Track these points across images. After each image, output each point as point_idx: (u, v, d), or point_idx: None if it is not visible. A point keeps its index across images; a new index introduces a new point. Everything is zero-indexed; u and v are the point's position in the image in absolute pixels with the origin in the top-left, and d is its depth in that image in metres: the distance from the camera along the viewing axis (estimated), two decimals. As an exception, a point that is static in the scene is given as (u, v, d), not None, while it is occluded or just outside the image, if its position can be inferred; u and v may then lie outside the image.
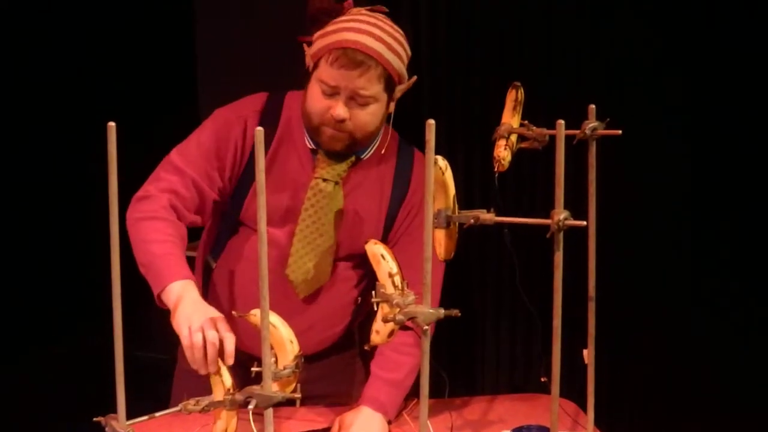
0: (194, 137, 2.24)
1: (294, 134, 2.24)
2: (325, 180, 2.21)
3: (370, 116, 2.15)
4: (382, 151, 2.29)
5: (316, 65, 2.15)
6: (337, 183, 2.22)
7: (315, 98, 2.15)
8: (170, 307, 2.02)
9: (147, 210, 2.13)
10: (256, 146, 1.56)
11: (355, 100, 2.12)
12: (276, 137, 2.22)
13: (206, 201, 2.22)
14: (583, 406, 2.17)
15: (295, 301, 2.21)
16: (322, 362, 2.35)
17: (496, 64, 2.81)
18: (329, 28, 2.14)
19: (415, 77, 2.23)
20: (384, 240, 2.26)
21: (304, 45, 2.23)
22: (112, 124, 1.69)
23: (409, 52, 2.20)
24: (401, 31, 2.18)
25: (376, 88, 2.12)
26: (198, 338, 1.90)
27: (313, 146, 2.23)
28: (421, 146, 1.83)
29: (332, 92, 2.12)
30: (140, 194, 2.16)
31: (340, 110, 2.11)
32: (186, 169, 2.19)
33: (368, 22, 2.12)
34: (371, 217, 2.27)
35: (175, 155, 2.22)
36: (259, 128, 1.57)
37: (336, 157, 2.22)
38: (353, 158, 2.24)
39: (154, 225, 2.11)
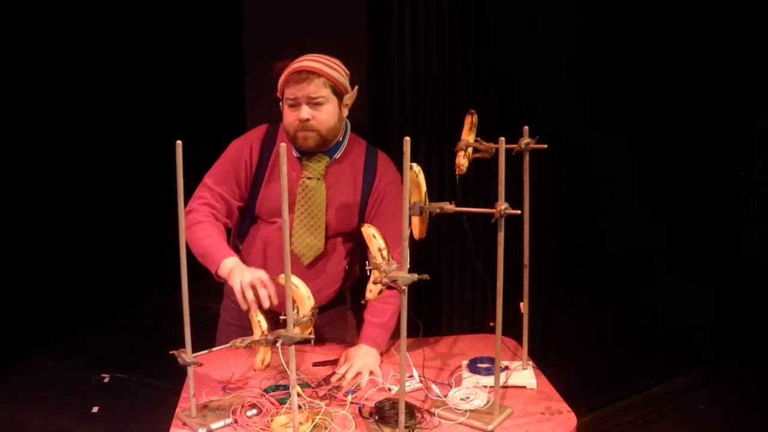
0: (219, 163, 2.29)
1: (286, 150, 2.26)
2: (309, 178, 2.23)
3: (326, 115, 2.17)
4: (352, 153, 2.30)
5: (282, 95, 2.20)
6: (318, 179, 2.24)
7: (286, 115, 2.19)
8: (225, 276, 2.09)
9: (193, 219, 2.17)
10: (279, 157, 1.59)
11: (311, 104, 2.15)
12: (274, 153, 2.24)
13: (232, 208, 2.27)
14: (521, 343, 2.18)
15: (301, 269, 2.23)
16: (324, 314, 2.36)
17: (458, 97, 2.81)
18: (284, 71, 2.20)
19: (357, 86, 2.27)
20: (361, 218, 2.29)
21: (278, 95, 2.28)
22: (179, 142, 1.73)
23: (347, 71, 2.23)
24: (337, 60, 2.22)
25: (323, 92, 2.15)
26: (249, 292, 1.99)
27: (299, 155, 2.25)
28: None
29: (294, 103, 2.15)
30: (186, 210, 2.19)
31: (303, 113, 2.14)
32: (215, 187, 2.24)
33: (309, 57, 2.18)
34: (349, 202, 2.28)
35: (206, 178, 2.27)
36: (283, 144, 1.60)
37: (314, 159, 2.24)
38: (328, 159, 2.25)
39: (200, 227, 2.17)
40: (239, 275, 2.03)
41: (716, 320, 3.98)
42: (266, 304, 1.98)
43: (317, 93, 2.14)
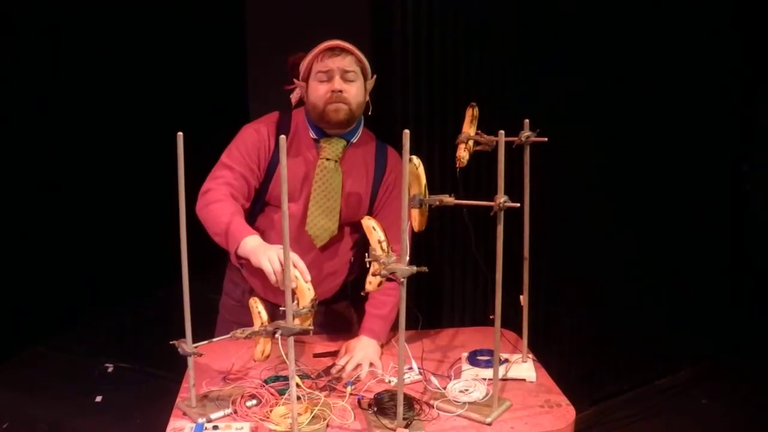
0: (234, 145, 2.27)
1: (301, 134, 2.27)
2: (328, 159, 2.24)
3: (356, 89, 2.20)
4: (365, 143, 2.31)
5: (309, 74, 2.22)
6: (336, 161, 2.24)
7: (316, 89, 2.20)
8: (247, 255, 2.03)
9: (212, 198, 2.15)
10: (280, 149, 1.60)
11: (344, 77, 2.18)
12: (289, 138, 2.25)
13: (250, 188, 2.25)
14: (521, 336, 2.19)
15: (314, 252, 2.24)
16: (327, 309, 2.38)
17: (459, 90, 2.80)
18: (309, 53, 2.22)
19: (375, 75, 2.28)
20: (370, 209, 2.30)
21: (294, 82, 2.30)
22: (180, 133, 1.73)
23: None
24: None
25: (355, 68, 2.19)
26: (276, 265, 1.94)
27: (316, 137, 2.26)
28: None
29: (328, 77, 2.18)
30: (204, 189, 2.18)
31: (337, 84, 2.16)
32: (234, 166, 2.21)
33: (336, 39, 2.21)
34: (361, 191, 2.29)
35: (224, 158, 2.25)
36: (282, 136, 1.61)
37: (332, 142, 2.24)
38: (344, 142, 2.26)
39: (219, 205, 2.13)
40: (264, 254, 1.97)
41: (719, 314, 3.97)
42: (306, 277, 1.91)
43: (350, 67, 2.18)
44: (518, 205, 1.75)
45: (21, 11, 4.22)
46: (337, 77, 2.17)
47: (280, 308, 1.70)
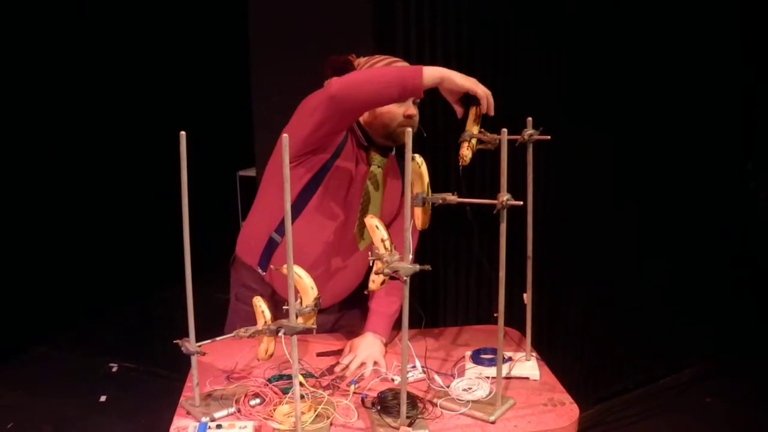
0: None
1: (353, 138, 2.25)
2: (378, 167, 2.25)
3: (418, 114, 2.23)
4: (392, 159, 2.33)
5: None
6: (380, 167, 2.26)
7: (392, 110, 2.18)
8: (437, 78, 2.00)
9: (350, 73, 2.13)
10: (283, 148, 1.59)
11: (414, 102, 2.20)
12: (347, 138, 2.22)
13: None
14: (524, 334, 2.19)
15: (355, 252, 2.25)
16: (337, 314, 2.40)
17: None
18: (379, 64, 2.21)
19: None
20: (395, 213, 2.33)
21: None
22: (183, 133, 1.73)
23: None
24: None
25: None
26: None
27: (366, 144, 2.25)
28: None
29: (404, 100, 2.17)
30: (327, 87, 2.07)
31: (413, 110, 2.18)
32: None
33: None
34: (392, 198, 2.32)
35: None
36: (285, 135, 1.60)
37: (379, 152, 2.25)
38: (387, 154, 2.29)
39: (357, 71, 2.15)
40: (465, 78, 2.00)
41: (723, 313, 3.97)
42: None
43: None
44: (521, 203, 1.75)
45: (23, 9, 4.22)
46: (411, 103, 2.19)
47: (283, 307, 1.69)
